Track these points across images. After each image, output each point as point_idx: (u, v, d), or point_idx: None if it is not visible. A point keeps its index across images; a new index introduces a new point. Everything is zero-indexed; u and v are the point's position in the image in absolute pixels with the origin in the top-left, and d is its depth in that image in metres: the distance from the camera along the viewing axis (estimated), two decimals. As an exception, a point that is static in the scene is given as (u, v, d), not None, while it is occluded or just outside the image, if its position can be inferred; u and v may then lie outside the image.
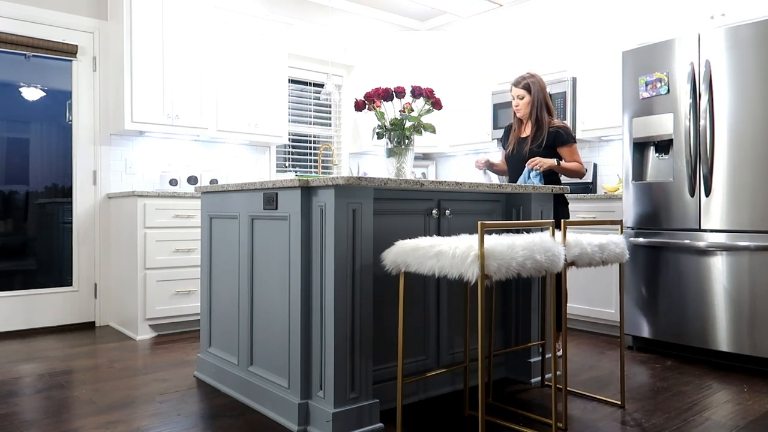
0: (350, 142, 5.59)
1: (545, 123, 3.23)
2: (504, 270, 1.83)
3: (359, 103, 2.79)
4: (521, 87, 3.27)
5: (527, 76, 3.29)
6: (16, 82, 4.07)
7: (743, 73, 3.08)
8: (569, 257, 2.20)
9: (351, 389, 2.13)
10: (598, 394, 2.65)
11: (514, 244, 1.89)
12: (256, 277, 2.48)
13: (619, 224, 2.49)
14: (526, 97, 3.26)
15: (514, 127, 3.42)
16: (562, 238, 2.18)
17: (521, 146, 3.31)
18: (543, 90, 3.27)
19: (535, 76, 3.30)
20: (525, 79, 3.29)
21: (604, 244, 2.33)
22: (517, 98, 3.29)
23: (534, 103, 3.25)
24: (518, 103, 3.30)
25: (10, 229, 4.07)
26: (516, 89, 3.30)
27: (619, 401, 2.52)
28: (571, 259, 2.21)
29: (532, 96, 3.25)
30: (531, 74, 3.31)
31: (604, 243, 2.33)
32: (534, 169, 3.12)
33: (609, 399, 2.57)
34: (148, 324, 3.81)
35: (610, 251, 2.33)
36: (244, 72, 4.57)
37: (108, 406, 2.47)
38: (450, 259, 1.87)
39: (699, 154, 3.24)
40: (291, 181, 2.20)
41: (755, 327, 3.00)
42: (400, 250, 2.06)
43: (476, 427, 2.25)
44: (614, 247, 2.36)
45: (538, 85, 3.26)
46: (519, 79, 3.31)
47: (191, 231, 3.95)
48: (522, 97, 3.28)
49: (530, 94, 3.26)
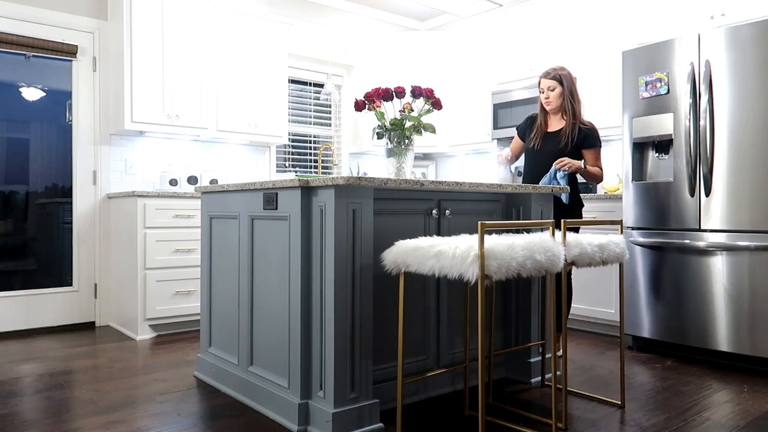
0: (350, 142, 5.59)
1: (578, 119, 3.13)
2: (504, 270, 1.82)
3: (359, 103, 2.79)
4: (551, 78, 3.15)
5: (558, 68, 3.18)
6: (16, 82, 4.07)
7: (743, 73, 3.08)
8: (569, 257, 2.20)
9: (351, 389, 2.13)
10: (599, 393, 2.65)
11: (514, 244, 1.89)
12: (256, 277, 2.48)
13: (619, 224, 2.49)
14: (558, 88, 3.14)
15: (539, 120, 3.25)
16: (562, 239, 2.18)
17: (548, 142, 3.18)
18: (573, 83, 3.17)
19: (565, 69, 3.19)
20: (556, 70, 3.17)
21: (604, 244, 2.33)
22: (548, 90, 3.16)
23: (566, 96, 3.13)
24: (549, 95, 3.16)
25: (10, 229, 4.07)
26: (546, 80, 3.17)
27: (619, 401, 2.52)
28: (571, 259, 2.21)
29: (564, 88, 3.13)
30: (561, 67, 3.21)
31: (604, 243, 2.33)
32: (562, 169, 3.03)
33: (609, 399, 2.57)
34: (148, 324, 3.81)
35: (610, 251, 2.34)
36: (244, 72, 4.57)
37: (108, 406, 2.47)
38: (450, 259, 1.87)
39: (699, 154, 3.23)
40: (291, 181, 2.20)
41: (755, 327, 3.00)
42: (400, 250, 2.06)
43: (476, 427, 2.25)
44: (614, 247, 2.36)
45: (569, 78, 3.16)
46: (549, 70, 3.18)
47: (191, 231, 3.95)
48: (553, 88, 3.15)
49: (562, 86, 3.14)
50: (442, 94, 4.85)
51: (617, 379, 2.89)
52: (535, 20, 4.69)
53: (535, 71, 4.64)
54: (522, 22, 4.79)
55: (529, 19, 4.75)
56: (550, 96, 3.16)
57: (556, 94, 3.15)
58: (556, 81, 3.14)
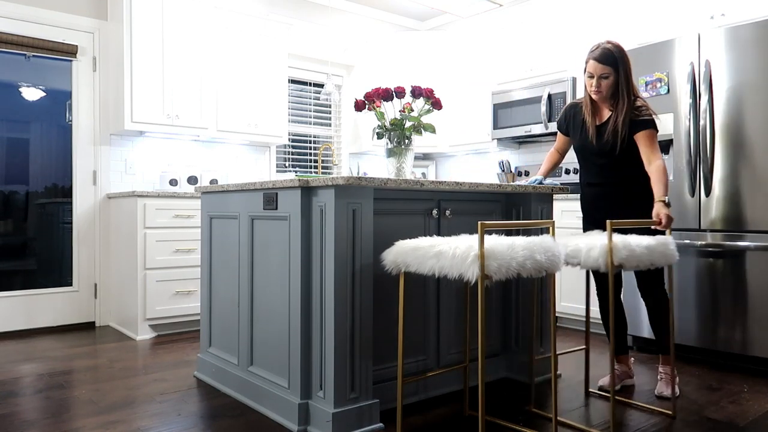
0: (350, 142, 5.59)
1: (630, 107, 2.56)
2: (504, 270, 1.82)
3: (359, 103, 2.79)
4: (606, 63, 2.53)
5: (613, 48, 2.54)
6: (16, 82, 4.07)
7: (743, 73, 3.08)
8: (616, 260, 2.10)
9: (351, 389, 2.13)
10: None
11: (514, 244, 1.88)
12: (256, 277, 2.48)
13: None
14: (612, 77, 2.55)
15: (584, 113, 2.70)
16: (608, 240, 2.09)
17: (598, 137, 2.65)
18: (629, 66, 2.57)
19: (621, 47, 2.57)
20: (611, 51, 2.53)
21: (653, 246, 2.20)
22: (599, 78, 2.56)
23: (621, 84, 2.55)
24: (600, 83, 2.56)
25: (10, 229, 4.07)
26: (598, 65, 2.54)
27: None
28: (619, 261, 2.10)
29: (620, 75, 2.55)
30: (616, 45, 2.56)
31: (653, 244, 2.21)
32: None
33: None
34: (148, 324, 3.81)
35: (659, 253, 2.21)
36: (244, 72, 4.57)
37: (108, 406, 2.47)
38: (450, 259, 1.86)
39: (699, 154, 3.24)
40: (291, 181, 2.20)
41: (755, 327, 3.00)
42: (400, 250, 2.06)
43: (476, 427, 2.25)
44: (663, 249, 2.24)
45: (626, 61, 2.55)
46: (603, 50, 2.54)
47: (191, 231, 3.95)
48: (606, 76, 2.55)
49: (617, 73, 2.54)
50: (442, 94, 4.86)
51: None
52: (535, 20, 4.69)
53: (535, 71, 4.65)
54: (522, 22, 4.79)
55: (529, 19, 4.75)
56: (602, 85, 2.57)
57: (609, 83, 2.57)
58: (611, 68, 2.54)
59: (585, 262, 2.21)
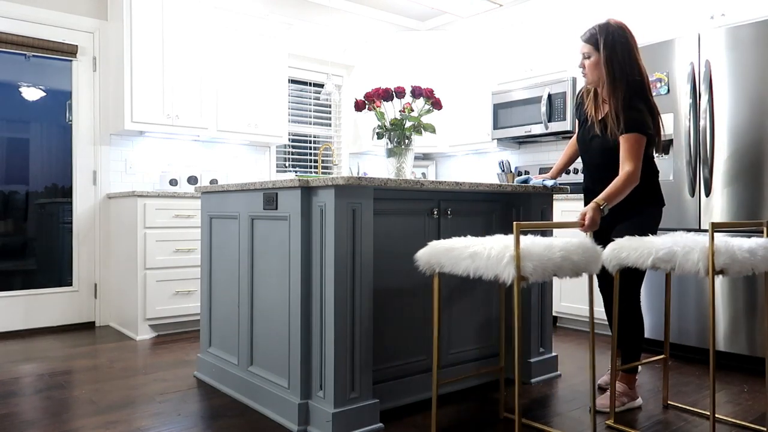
0: (350, 142, 5.59)
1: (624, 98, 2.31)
2: (540, 271, 1.76)
3: (359, 103, 2.79)
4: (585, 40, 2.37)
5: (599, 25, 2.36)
6: (16, 82, 4.07)
7: (743, 73, 3.08)
8: (718, 265, 1.93)
9: (351, 389, 2.13)
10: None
11: (552, 244, 1.83)
12: (256, 277, 2.48)
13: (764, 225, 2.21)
14: (594, 56, 2.33)
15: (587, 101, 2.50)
16: (710, 243, 1.92)
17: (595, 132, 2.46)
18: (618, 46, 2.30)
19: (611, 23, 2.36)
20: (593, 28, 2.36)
21: (754, 249, 2.02)
22: (583, 58, 2.39)
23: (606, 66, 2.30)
24: (584, 64, 2.39)
25: (10, 229, 4.07)
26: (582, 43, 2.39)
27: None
28: (720, 267, 1.93)
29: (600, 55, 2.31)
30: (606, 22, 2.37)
31: (754, 247, 2.02)
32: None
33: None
34: (148, 324, 3.81)
35: (761, 257, 2.02)
36: (244, 72, 4.57)
37: (108, 406, 2.47)
38: (485, 260, 1.80)
39: (699, 154, 3.24)
40: (291, 181, 2.20)
41: (755, 327, 3.00)
42: (434, 250, 1.99)
43: (512, 427, 2.26)
44: (765, 252, 2.05)
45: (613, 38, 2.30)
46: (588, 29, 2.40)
47: (191, 231, 3.95)
48: (588, 55, 2.35)
49: (598, 51, 2.31)
50: (442, 94, 4.85)
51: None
52: (535, 20, 4.69)
53: (535, 71, 4.65)
54: (522, 22, 4.79)
55: (529, 19, 4.75)
56: (585, 66, 2.39)
57: (592, 63, 2.35)
58: (591, 47, 2.32)
59: (682, 267, 1.99)
